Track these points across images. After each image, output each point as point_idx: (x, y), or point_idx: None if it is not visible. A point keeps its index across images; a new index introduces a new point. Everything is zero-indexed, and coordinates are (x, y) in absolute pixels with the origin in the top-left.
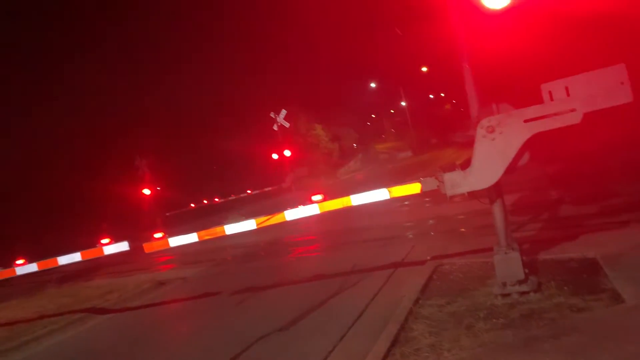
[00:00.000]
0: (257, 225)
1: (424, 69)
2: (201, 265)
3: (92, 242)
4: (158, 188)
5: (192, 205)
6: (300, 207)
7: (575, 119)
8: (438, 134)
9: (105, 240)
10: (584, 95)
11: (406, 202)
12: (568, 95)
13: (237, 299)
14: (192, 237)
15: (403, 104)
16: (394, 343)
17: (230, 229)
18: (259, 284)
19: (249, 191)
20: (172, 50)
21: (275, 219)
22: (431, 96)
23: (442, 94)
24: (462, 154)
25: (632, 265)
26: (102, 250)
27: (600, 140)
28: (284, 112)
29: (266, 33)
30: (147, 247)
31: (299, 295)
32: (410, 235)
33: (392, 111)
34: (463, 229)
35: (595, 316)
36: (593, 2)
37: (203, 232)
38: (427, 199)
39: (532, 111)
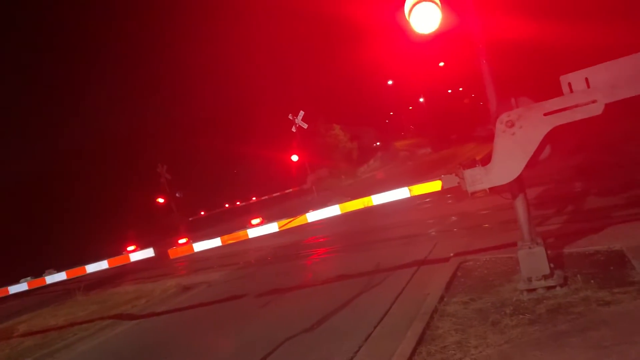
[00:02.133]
0: (279, 227)
1: (441, 64)
2: (225, 269)
3: (118, 249)
4: (178, 195)
5: (215, 209)
6: (322, 209)
7: (596, 110)
8: (458, 129)
9: (131, 247)
10: (605, 85)
11: (427, 200)
12: (588, 86)
13: (262, 301)
14: (215, 242)
15: (421, 100)
16: (420, 341)
17: (253, 232)
18: (283, 286)
19: (269, 194)
20: (190, 55)
21: (297, 221)
22: (449, 91)
23: (461, 88)
24: (482, 149)
25: None
26: (128, 257)
27: (623, 130)
28: (301, 113)
29: (282, 35)
30: (172, 253)
31: (323, 295)
32: (433, 233)
33: (410, 108)
34: (486, 225)
35: (623, 309)
36: None
37: (226, 237)
38: (448, 196)
39: (552, 104)
